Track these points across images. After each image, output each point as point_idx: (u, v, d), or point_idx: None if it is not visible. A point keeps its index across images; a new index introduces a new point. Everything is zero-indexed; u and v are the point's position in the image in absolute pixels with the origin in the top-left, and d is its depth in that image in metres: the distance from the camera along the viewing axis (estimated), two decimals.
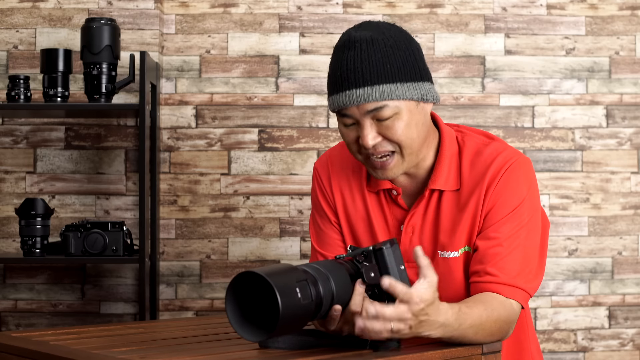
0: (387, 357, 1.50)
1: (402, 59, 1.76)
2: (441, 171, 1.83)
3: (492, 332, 1.69)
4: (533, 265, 1.81)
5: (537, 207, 1.85)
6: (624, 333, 3.03)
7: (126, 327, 1.88)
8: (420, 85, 1.78)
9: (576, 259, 3.03)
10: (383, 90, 1.74)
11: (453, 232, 1.82)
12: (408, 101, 1.76)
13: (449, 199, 1.83)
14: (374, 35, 1.76)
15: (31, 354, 1.56)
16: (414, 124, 1.77)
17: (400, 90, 1.75)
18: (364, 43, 1.75)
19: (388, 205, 1.89)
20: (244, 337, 1.47)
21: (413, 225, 1.85)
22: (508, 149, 1.84)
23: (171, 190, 2.99)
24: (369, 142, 1.75)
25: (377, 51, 1.75)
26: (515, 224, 1.78)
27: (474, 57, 3.03)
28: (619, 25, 3.06)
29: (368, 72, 1.74)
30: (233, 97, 3.01)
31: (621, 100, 3.05)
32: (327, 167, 1.96)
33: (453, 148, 1.86)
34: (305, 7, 3.01)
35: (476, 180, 1.82)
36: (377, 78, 1.74)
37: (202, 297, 2.98)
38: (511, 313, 1.75)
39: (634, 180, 3.05)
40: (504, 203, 1.79)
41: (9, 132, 2.96)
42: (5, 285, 2.95)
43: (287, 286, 1.45)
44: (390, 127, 1.75)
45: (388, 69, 1.74)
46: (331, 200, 1.94)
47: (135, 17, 2.95)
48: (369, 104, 1.74)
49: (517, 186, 1.80)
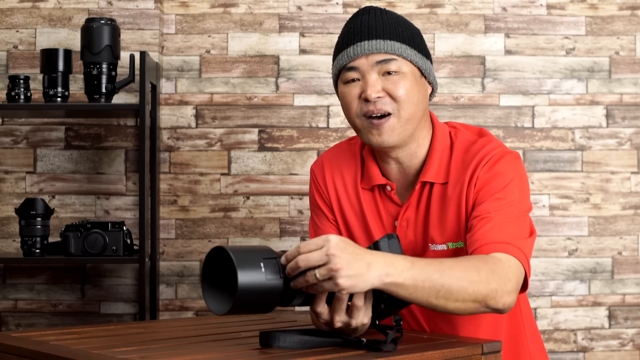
0: (387, 357, 1.50)
1: (413, 31, 1.85)
2: (432, 163, 1.85)
3: (469, 278, 1.59)
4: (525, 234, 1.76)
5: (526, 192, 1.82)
6: (624, 333, 3.03)
7: (126, 327, 1.88)
8: (425, 60, 1.85)
9: (576, 259, 3.03)
10: (394, 45, 1.79)
11: (441, 225, 1.83)
12: (414, 67, 1.82)
13: (437, 192, 1.85)
14: (387, 9, 1.86)
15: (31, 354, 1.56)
16: (416, 90, 1.82)
17: (409, 52, 1.81)
18: (378, 10, 1.84)
19: (382, 202, 1.90)
20: (210, 308, 1.50)
21: (407, 219, 1.87)
22: (494, 143, 1.85)
23: (171, 190, 2.99)
24: (373, 94, 1.78)
25: (391, 17, 1.83)
26: (504, 202, 1.76)
27: (474, 57, 3.03)
28: (619, 25, 3.06)
29: (381, 29, 1.80)
30: (233, 97, 3.01)
31: (621, 100, 3.05)
32: (322, 167, 1.99)
33: (445, 142, 1.88)
34: (305, 7, 3.01)
35: (460, 173, 1.83)
36: (389, 34, 1.80)
37: (202, 297, 2.98)
38: (498, 265, 1.65)
39: (634, 180, 3.05)
40: (490, 188, 1.78)
41: (9, 132, 2.96)
42: (5, 285, 2.95)
43: (249, 260, 1.47)
44: (396, 82, 1.79)
45: (400, 32, 1.81)
46: (327, 199, 1.97)
47: (135, 17, 2.95)
48: (379, 55, 1.79)
49: (502, 174, 1.79)
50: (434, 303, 1.58)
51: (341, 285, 1.48)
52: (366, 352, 1.54)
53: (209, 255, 1.51)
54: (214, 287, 1.53)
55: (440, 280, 1.56)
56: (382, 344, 1.54)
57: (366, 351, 1.54)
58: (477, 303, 1.61)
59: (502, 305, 1.64)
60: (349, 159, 1.96)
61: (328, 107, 3.00)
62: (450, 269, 1.58)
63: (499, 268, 1.64)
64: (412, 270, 1.53)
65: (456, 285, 1.58)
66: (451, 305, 1.59)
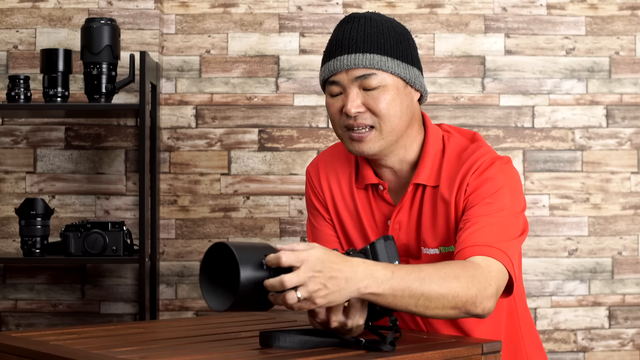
0: (387, 357, 1.50)
1: (396, 39, 1.82)
2: (424, 166, 1.85)
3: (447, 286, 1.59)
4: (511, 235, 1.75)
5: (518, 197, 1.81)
6: (624, 333, 3.03)
7: (126, 327, 1.88)
8: (410, 68, 1.82)
9: (576, 259, 3.03)
10: (373, 59, 1.78)
11: (432, 228, 1.84)
12: (396, 78, 1.80)
13: (429, 194, 1.85)
14: (374, 15, 1.83)
15: (31, 354, 1.56)
16: (398, 102, 1.80)
17: (390, 63, 1.79)
18: (362, 19, 1.81)
19: (375, 201, 1.91)
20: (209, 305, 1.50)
21: (399, 221, 1.87)
22: (484, 148, 1.84)
23: (171, 190, 2.99)
24: (352, 109, 1.78)
25: (373, 26, 1.80)
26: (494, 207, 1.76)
27: (474, 57, 3.03)
28: (619, 25, 3.06)
29: (362, 41, 1.79)
30: (233, 97, 3.01)
31: (621, 100, 3.05)
32: (317, 168, 2.00)
33: (437, 145, 1.88)
34: (305, 7, 3.01)
35: (451, 178, 1.83)
36: (369, 47, 1.79)
37: (202, 296, 2.98)
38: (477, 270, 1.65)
39: (634, 180, 3.05)
40: (480, 193, 1.78)
41: (9, 132, 2.96)
42: (5, 285, 2.95)
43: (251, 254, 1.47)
44: (376, 97, 1.78)
45: (382, 42, 1.79)
46: (322, 199, 1.98)
47: (135, 17, 2.95)
48: (357, 70, 1.78)
49: (492, 179, 1.79)
50: (414, 310, 1.59)
51: (318, 304, 1.48)
52: (366, 352, 1.54)
53: (208, 252, 1.51)
54: (213, 284, 1.53)
55: (419, 289, 1.57)
56: (381, 344, 1.54)
57: (366, 351, 1.54)
58: (456, 309, 1.62)
59: (481, 311, 1.65)
60: (344, 160, 1.97)
61: None
62: (430, 276, 1.58)
63: (478, 273, 1.65)
64: (391, 280, 1.54)
65: (435, 293, 1.58)
66: (430, 312, 1.61)
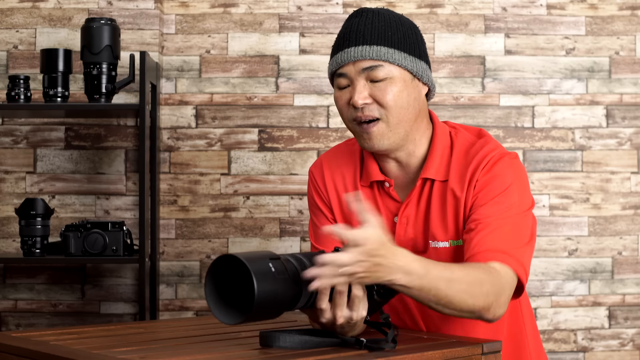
0: (387, 357, 1.50)
1: (404, 33, 1.83)
2: (433, 160, 1.86)
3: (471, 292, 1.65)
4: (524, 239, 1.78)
5: (526, 194, 1.84)
6: (624, 333, 3.03)
7: (126, 327, 1.88)
8: (418, 62, 1.84)
9: (576, 259, 3.03)
10: (380, 51, 1.79)
11: (442, 222, 1.85)
12: (403, 70, 1.81)
13: (438, 189, 1.86)
14: (382, 10, 1.85)
15: (31, 354, 1.56)
16: (405, 94, 1.81)
17: (397, 56, 1.80)
18: (371, 13, 1.83)
19: (381, 198, 1.92)
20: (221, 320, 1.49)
21: (407, 216, 1.88)
22: (492, 144, 1.87)
23: (171, 190, 2.99)
24: (359, 101, 1.80)
25: (381, 20, 1.82)
26: (503, 206, 1.78)
27: (474, 57, 3.03)
28: (619, 25, 3.06)
29: (369, 34, 1.80)
30: (233, 97, 3.01)
31: (621, 100, 3.05)
32: (320, 168, 2.00)
33: (445, 141, 1.89)
34: (305, 7, 3.01)
35: (460, 173, 1.84)
36: (376, 39, 1.80)
37: (202, 297, 2.98)
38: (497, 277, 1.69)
39: (634, 180, 3.05)
40: (489, 190, 1.80)
41: (9, 132, 2.96)
42: (5, 285, 2.95)
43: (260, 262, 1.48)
44: (382, 89, 1.80)
45: (389, 35, 1.81)
46: (326, 199, 1.98)
47: (135, 17, 2.95)
48: (364, 61, 1.79)
49: (501, 175, 1.81)
50: (433, 307, 1.65)
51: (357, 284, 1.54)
52: (367, 352, 1.54)
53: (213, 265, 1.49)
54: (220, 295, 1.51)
55: (445, 290, 1.62)
56: (382, 343, 1.54)
57: (367, 351, 1.54)
58: (470, 313, 1.68)
59: (492, 317, 1.70)
60: (348, 159, 1.97)
61: (328, 107, 3.00)
62: (459, 281, 1.63)
63: (497, 281, 1.69)
64: (423, 279, 1.59)
65: (458, 297, 1.64)
66: (447, 311, 1.66)
